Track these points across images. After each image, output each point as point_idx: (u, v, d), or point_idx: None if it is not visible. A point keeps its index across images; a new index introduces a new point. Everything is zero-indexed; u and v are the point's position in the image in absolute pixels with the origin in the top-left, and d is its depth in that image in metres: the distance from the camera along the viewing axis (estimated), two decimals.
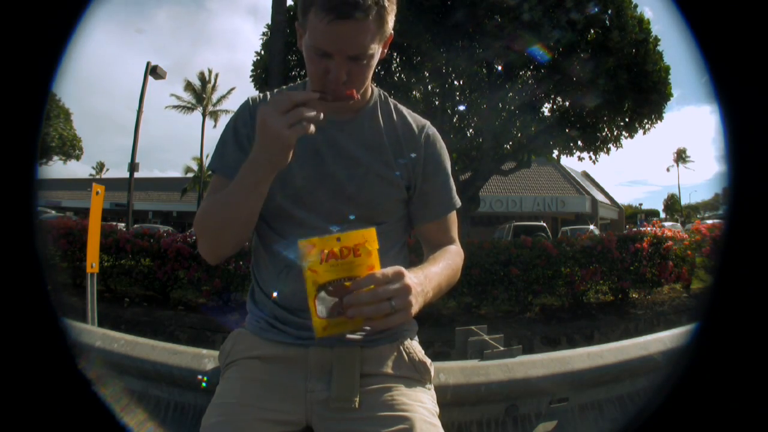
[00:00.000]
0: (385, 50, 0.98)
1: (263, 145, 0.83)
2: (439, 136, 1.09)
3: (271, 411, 0.91)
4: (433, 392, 1.01)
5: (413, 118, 1.08)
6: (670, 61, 10.36)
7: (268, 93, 1.08)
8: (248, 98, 1.09)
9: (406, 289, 0.76)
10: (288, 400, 0.94)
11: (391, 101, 1.10)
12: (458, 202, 1.10)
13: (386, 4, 0.88)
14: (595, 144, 11.43)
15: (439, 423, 0.93)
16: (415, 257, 1.06)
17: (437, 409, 0.97)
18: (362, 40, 0.87)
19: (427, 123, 1.09)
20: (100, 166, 52.85)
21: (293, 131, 0.80)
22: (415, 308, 0.78)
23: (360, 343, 0.97)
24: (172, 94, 36.21)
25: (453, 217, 1.10)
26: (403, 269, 0.78)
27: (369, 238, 0.76)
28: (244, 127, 1.03)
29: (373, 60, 0.92)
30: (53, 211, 15.36)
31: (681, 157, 50.82)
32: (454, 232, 1.10)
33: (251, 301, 1.08)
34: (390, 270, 0.76)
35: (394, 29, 0.95)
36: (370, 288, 0.74)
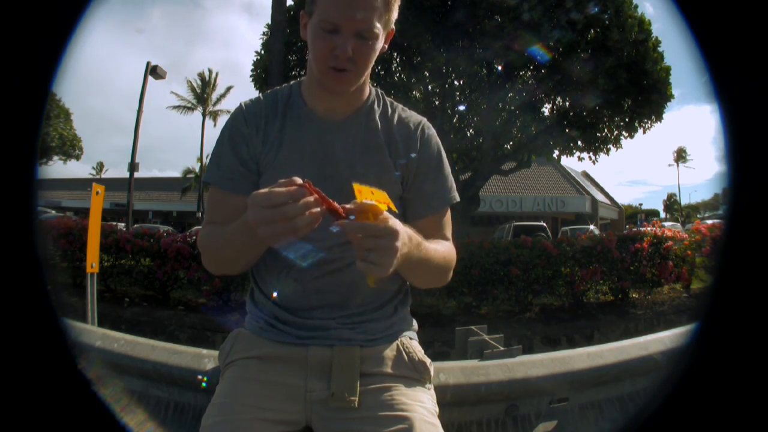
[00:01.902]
0: (386, 46, 1.00)
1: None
2: (434, 133, 1.10)
3: (270, 411, 0.91)
4: (432, 392, 1.01)
5: (410, 117, 1.09)
6: (670, 60, 10.36)
7: (261, 96, 1.08)
8: (240, 103, 1.09)
9: (390, 250, 0.75)
10: (288, 400, 0.93)
11: (388, 100, 1.10)
12: (456, 197, 1.09)
13: None
14: (595, 144, 11.43)
15: (438, 423, 0.93)
16: None
17: (437, 409, 0.96)
18: (369, 15, 0.90)
19: (424, 120, 1.10)
20: (100, 166, 52.93)
21: (264, 230, 0.75)
22: (392, 267, 0.78)
23: (360, 343, 0.97)
24: (173, 92, 36.27)
25: (448, 216, 1.10)
26: (398, 229, 0.77)
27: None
28: (239, 132, 1.03)
29: (376, 44, 0.94)
30: (53, 211, 15.35)
31: (681, 156, 50.87)
32: (449, 232, 1.09)
33: (251, 302, 1.08)
34: (383, 226, 0.75)
35: (394, 29, 0.99)
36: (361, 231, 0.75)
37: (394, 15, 0.97)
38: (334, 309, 1.00)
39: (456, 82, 11.44)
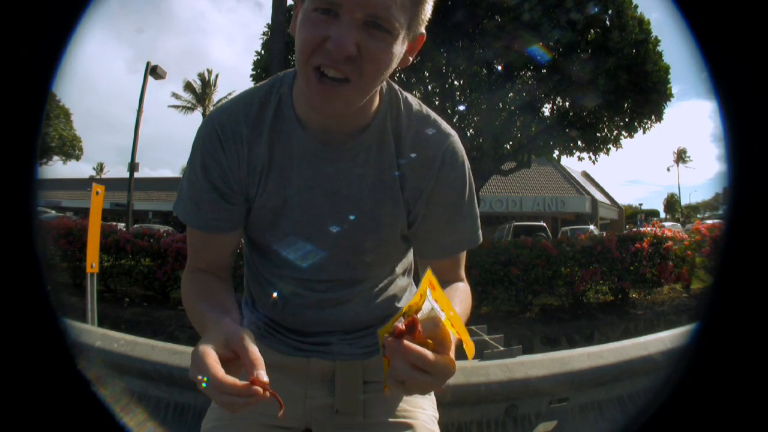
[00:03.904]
0: (411, 56, 0.77)
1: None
2: (461, 158, 0.85)
3: (269, 416, 0.89)
4: (433, 397, 0.99)
5: (432, 136, 0.83)
6: (669, 54, 10.38)
7: (240, 103, 0.84)
8: (213, 117, 0.83)
9: (434, 388, 0.63)
10: (287, 405, 0.91)
11: (404, 100, 0.85)
12: (479, 238, 0.90)
13: None
14: (595, 144, 11.45)
15: (438, 429, 0.92)
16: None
17: (437, 415, 0.96)
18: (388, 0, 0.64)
19: (449, 141, 0.84)
20: (100, 166, 52.97)
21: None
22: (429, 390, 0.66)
23: (361, 357, 0.93)
24: (174, 94, 36.30)
25: (464, 252, 0.91)
26: (455, 369, 0.61)
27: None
28: (215, 161, 0.81)
29: (393, 44, 0.68)
30: (53, 211, 15.36)
31: (681, 157, 50.88)
32: (463, 268, 0.92)
33: (247, 307, 1.01)
34: (443, 366, 0.60)
35: None
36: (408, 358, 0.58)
37: (426, 14, 0.73)
38: (336, 333, 0.94)
39: (456, 82, 11.44)
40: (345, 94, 0.69)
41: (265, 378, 0.62)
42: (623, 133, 11.42)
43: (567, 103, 11.24)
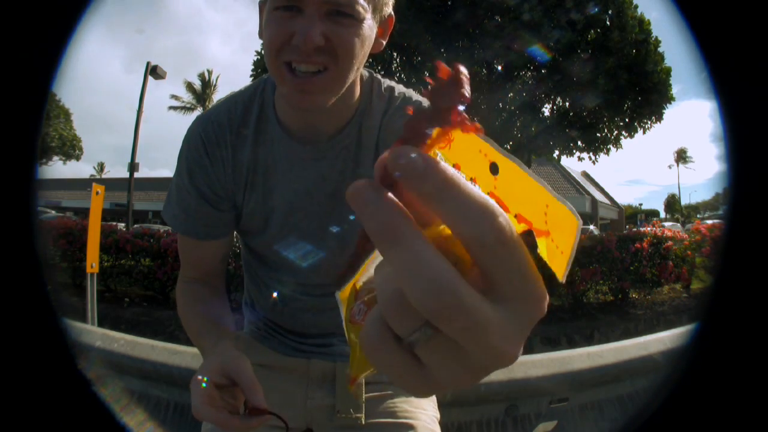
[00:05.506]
0: (383, 41, 0.77)
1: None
2: None
3: None
4: (433, 397, 0.99)
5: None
6: (668, 53, 10.40)
7: (226, 108, 0.83)
8: (198, 123, 0.82)
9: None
10: (287, 407, 0.90)
11: (386, 87, 0.83)
12: None
13: None
14: (595, 144, 11.47)
15: (439, 429, 0.92)
16: None
17: (438, 415, 0.95)
18: None
19: None
20: (101, 166, 53.00)
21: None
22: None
23: None
24: (173, 96, 36.31)
25: None
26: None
27: None
28: (201, 167, 0.80)
29: (361, 28, 0.67)
30: (53, 211, 15.36)
31: (681, 156, 50.90)
32: None
33: (247, 308, 1.02)
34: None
35: (394, 29, 0.81)
36: None
37: None
38: (338, 334, 0.93)
39: None
40: (322, 84, 0.68)
41: (263, 405, 0.66)
42: (623, 133, 11.44)
43: (567, 103, 11.26)
